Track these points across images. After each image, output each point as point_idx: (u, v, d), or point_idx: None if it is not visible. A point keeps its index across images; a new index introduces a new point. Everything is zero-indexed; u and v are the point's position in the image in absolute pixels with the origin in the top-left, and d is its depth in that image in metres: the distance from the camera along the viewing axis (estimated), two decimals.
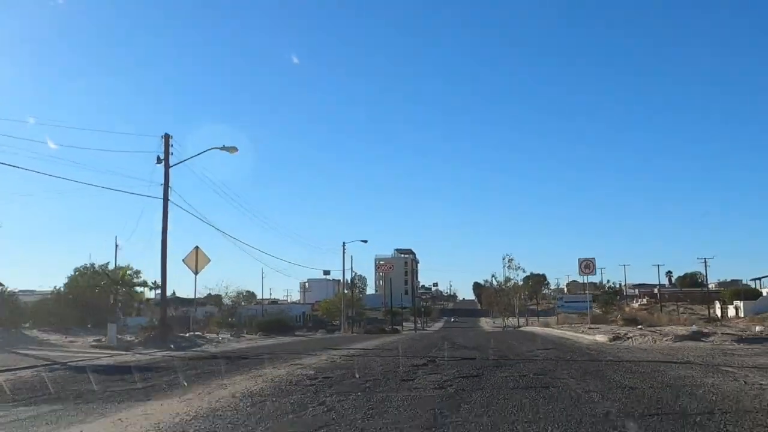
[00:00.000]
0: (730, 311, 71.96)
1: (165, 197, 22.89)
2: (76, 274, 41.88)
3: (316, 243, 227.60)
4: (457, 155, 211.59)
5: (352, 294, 76.98)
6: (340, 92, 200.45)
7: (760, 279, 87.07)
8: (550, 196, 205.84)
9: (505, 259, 75.48)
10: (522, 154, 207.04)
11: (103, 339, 21.51)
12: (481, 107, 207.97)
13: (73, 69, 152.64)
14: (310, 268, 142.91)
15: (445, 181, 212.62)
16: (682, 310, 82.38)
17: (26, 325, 27.80)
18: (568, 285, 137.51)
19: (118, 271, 33.82)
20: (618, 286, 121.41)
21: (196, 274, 25.13)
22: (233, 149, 23.45)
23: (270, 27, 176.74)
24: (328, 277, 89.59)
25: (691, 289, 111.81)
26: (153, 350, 19.71)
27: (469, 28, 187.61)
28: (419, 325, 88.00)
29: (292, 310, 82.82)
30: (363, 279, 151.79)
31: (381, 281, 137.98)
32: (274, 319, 44.36)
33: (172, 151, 23.29)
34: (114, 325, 21.33)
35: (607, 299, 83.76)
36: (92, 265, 41.92)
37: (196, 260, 24.87)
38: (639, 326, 30.62)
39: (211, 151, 23.69)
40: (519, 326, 65.31)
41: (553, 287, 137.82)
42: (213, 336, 29.22)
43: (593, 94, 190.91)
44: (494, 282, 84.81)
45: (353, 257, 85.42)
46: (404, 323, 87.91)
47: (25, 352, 17.94)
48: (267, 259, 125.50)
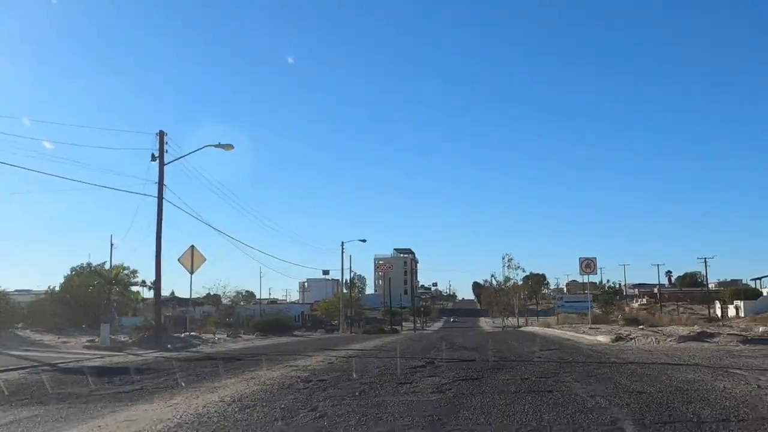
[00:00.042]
0: (731, 311, 71.70)
1: (159, 195, 22.54)
2: (73, 273, 41.51)
3: (315, 243, 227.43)
4: (457, 155, 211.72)
5: (350, 294, 76.71)
6: (340, 92, 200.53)
7: (760, 279, 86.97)
8: (550, 196, 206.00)
9: (504, 258, 75.25)
10: (522, 154, 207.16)
11: (97, 340, 21.17)
12: (481, 107, 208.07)
13: (73, 69, 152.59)
14: (310, 268, 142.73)
15: (445, 180, 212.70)
16: (681, 310, 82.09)
17: (19, 325, 27.42)
18: (568, 285, 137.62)
19: (112, 271, 33.42)
20: (617, 286, 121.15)
21: (191, 273, 24.78)
22: (229, 147, 23.10)
23: (270, 27, 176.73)
24: (327, 277, 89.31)
25: (690, 288, 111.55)
26: (146, 351, 19.40)
27: (469, 28, 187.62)
28: (418, 325, 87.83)
29: (291, 310, 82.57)
30: (362, 279, 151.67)
31: (380, 281, 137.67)
32: (271, 320, 43.97)
33: (167, 148, 22.95)
34: (107, 325, 20.97)
35: (607, 299, 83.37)
36: (89, 264, 41.61)
37: (192, 259, 24.51)
38: (641, 326, 30.27)
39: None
40: (519, 326, 65.02)
41: (552, 287, 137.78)
42: (209, 336, 28.86)
43: (593, 94, 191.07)
44: (494, 282, 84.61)
45: (352, 257, 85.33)
46: (403, 323, 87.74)
47: (15, 353, 17.63)
48: (265, 259, 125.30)
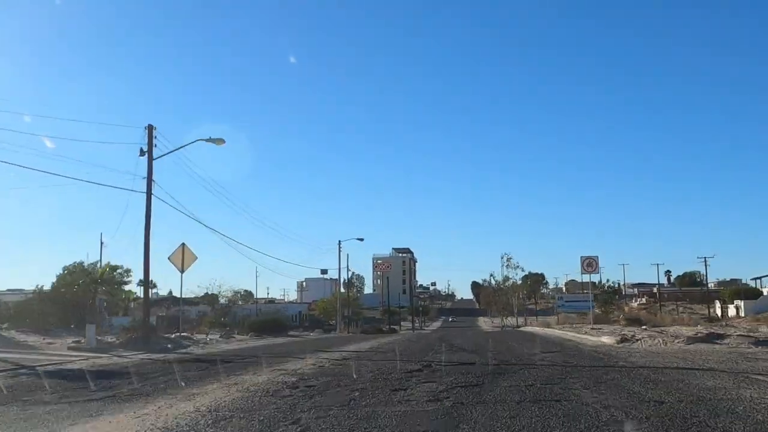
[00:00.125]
0: (731, 311, 71.03)
1: (148, 191, 21.78)
2: (65, 273, 40.74)
3: (315, 242, 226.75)
4: (456, 155, 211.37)
5: (348, 293, 75.96)
6: (340, 92, 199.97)
7: (760, 278, 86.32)
8: (549, 196, 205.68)
9: (503, 258, 74.72)
10: (522, 154, 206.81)
11: (83, 341, 20.43)
12: (481, 107, 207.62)
13: (73, 69, 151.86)
14: (308, 267, 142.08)
15: (444, 180, 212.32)
16: (681, 309, 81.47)
17: (4, 325, 26.66)
18: (567, 284, 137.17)
19: (98, 269, 32.65)
20: (617, 286, 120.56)
21: (182, 272, 24.03)
22: (220, 141, 22.37)
23: (270, 27, 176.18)
24: (325, 277, 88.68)
25: (690, 288, 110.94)
26: (133, 353, 18.67)
27: (469, 28, 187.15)
28: (417, 325, 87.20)
29: (289, 309, 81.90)
30: (361, 278, 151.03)
31: (379, 281, 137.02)
32: (266, 320, 43.22)
33: (156, 143, 22.21)
34: (92, 326, 20.24)
35: (607, 299, 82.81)
36: (81, 263, 40.86)
37: (183, 257, 23.77)
38: (643, 327, 29.62)
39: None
40: (518, 326, 64.41)
41: (551, 287, 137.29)
42: (201, 337, 28.13)
43: (593, 94, 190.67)
44: (493, 281, 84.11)
45: (351, 257, 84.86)
46: (402, 323, 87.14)
47: None
48: (262, 258, 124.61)
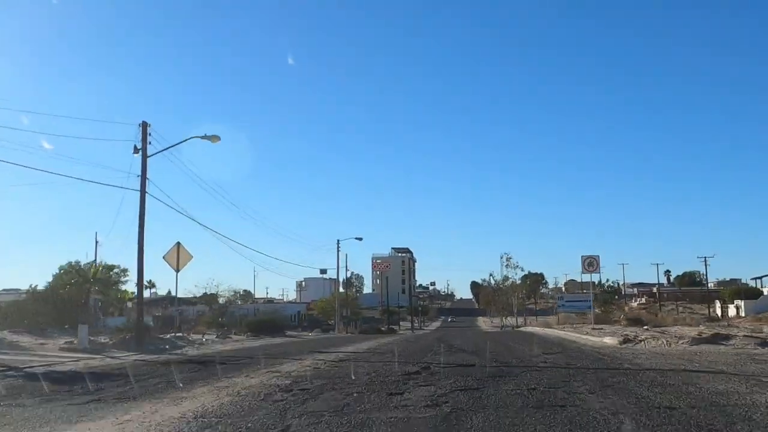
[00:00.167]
0: (731, 311, 70.70)
1: (142, 189, 21.41)
2: (62, 272, 40.28)
3: (314, 242, 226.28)
4: (456, 155, 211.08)
5: (346, 293, 75.61)
6: (340, 92, 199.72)
7: (760, 278, 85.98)
8: (549, 196, 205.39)
9: (503, 258, 74.41)
10: (521, 154, 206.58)
11: (75, 341, 20.07)
12: (481, 107, 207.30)
13: (73, 69, 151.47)
14: (307, 267, 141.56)
15: (443, 180, 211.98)
16: (681, 309, 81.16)
17: None
18: (566, 284, 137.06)
19: (91, 269, 32.24)
20: (616, 286, 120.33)
21: (177, 271, 23.66)
22: (215, 138, 22.01)
23: (270, 27, 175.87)
24: (324, 276, 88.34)
25: (690, 288, 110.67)
26: (125, 354, 18.34)
27: (469, 28, 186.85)
28: (416, 325, 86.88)
29: (287, 309, 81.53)
30: (360, 278, 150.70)
31: (378, 280, 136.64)
32: (264, 319, 42.85)
33: (150, 140, 21.84)
34: (85, 326, 19.88)
35: (607, 298, 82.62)
36: (78, 262, 40.41)
37: (178, 257, 23.40)
38: (645, 327, 29.29)
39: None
40: (517, 326, 64.10)
41: (551, 287, 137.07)
42: (197, 337, 27.77)
43: (593, 94, 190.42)
44: (492, 281, 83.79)
45: (351, 257, 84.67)
46: (401, 322, 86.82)
47: None
48: (260, 258, 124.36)
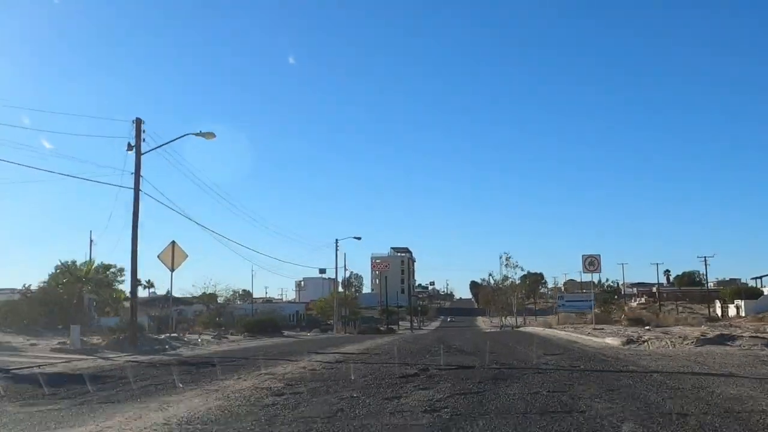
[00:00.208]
0: (731, 310, 70.40)
1: (136, 187, 21.03)
2: (58, 271, 39.87)
3: (314, 242, 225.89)
4: (456, 155, 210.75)
5: (345, 293, 75.25)
6: (340, 92, 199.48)
7: (760, 278, 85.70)
8: (548, 196, 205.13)
9: (502, 257, 73.91)
10: (521, 154, 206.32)
11: (68, 342, 19.70)
12: (481, 107, 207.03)
13: (73, 69, 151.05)
14: (305, 267, 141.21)
15: (442, 179, 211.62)
16: (681, 309, 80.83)
17: None
18: (565, 284, 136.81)
19: (83, 268, 31.86)
20: (616, 285, 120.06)
21: (172, 270, 23.29)
22: (210, 135, 21.65)
23: (270, 27, 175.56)
24: (323, 276, 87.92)
25: (689, 288, 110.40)
26: (118, 354, 17.96)
27: (469, 28, 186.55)
28: (415, 325, 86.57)
29: (286, 309, 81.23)
30: (359, 278, 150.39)
31: (377, 280, 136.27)
32: (261, 319, 42.44)
33: (144, 137, 21.46)
34: (77, 326, 19.50)
35: (606, 298, 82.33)
36: (73, 262, 40.01)
37: (173, 256, 23.02)
38: (647, 327, 28.95)
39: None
40: (517, 326, 63.73)
41: (550, 286, 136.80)
42: (193, 337, 27.37)
43: (593, 94, 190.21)
44: (491, 281, 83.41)
45: (350, 256, 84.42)
46: (400, 322, 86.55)
47: None
48: (259, 258, 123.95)
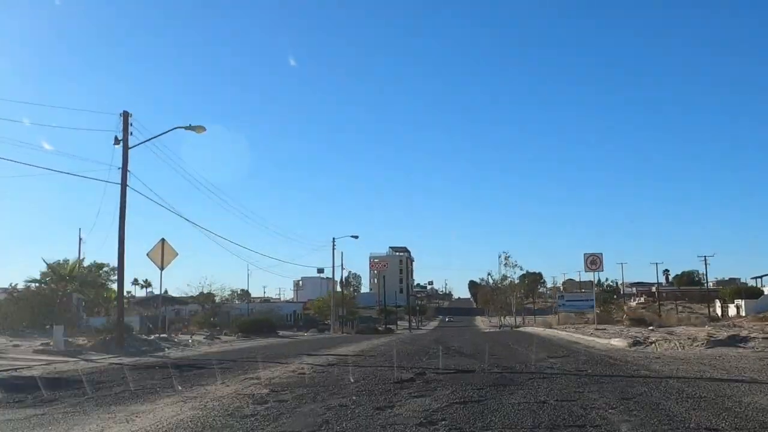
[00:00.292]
0: (731, 310, 69.84)
1: (123, 182, 20.31)
2: (49, 270, 39.16)
3: (314, 242, 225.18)
4: (454, 154, 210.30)
5: (343, 292, 74.56)
6: (340, 92, 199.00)
7: (761, 277, 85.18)
8: (549, 196, 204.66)
9: (501, 257, 73.28)
10: (522, 154, 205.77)
11: (52, 343, 18.99)
12: (481, 107, 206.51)
13: (73, 69, 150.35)
14: (303, 266, 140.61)
15: (443, 179, 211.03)
16: (680, 309, 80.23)
17: None
18: (564, 284, 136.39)
19: (67, 267, 31.15)
20: (615, 285, 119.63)
21: (161, 269, 22.56)
22: (200, 128, 20.96)
23: (270, 27, 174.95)
24: (322, 275, 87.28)
25: (689, 287, 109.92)
26: (102, 356, 17.26)
27: (469, 28, 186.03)
28: (414, 325, 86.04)
29: (284, 309, 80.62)
30: (358, 277, 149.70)
31: (375, 279, 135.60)
32: (256, 319, 41.71)
33: (132, 131, 20.76)
34: (61, 327, 18.81)
35: (606, 298, 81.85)
36: (66, 260, 39.30)
37: (162, 254, 22.29)
38: (650, 327, 28.29)
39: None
40: (516, 326, 63.10)
41: (549, 286, 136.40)
42: (185, 338, 26.67)
43: (593, 94, 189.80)
44: (490, 280, 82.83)
45: (349, 256, 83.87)
46: (399, 322, 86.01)
47: None
48: (257, 257, 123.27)
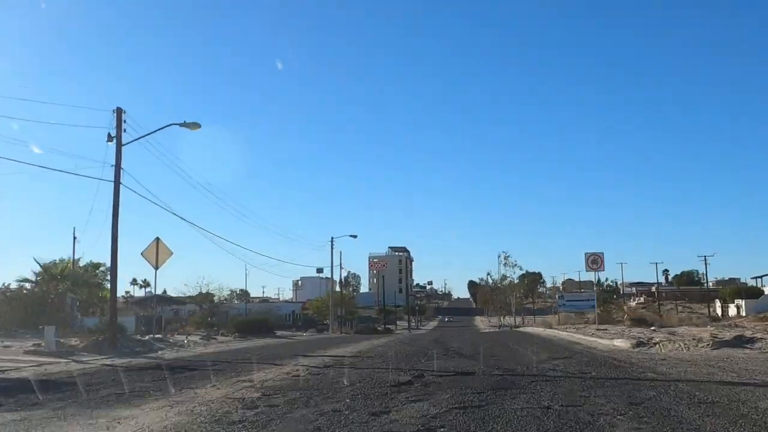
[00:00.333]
0: (731, 310, 69.58)
1: (116, 179, 19.94)
2: (42, 270, 38.81)
3: (314, 242, 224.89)
4: (454, 154, 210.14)
5: (341, 292, 74.19)
6: (340, 92, 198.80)
7: (761, 277, 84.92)
8: (547, 195, 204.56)
9: (500, 256, 72.88)
10: (521, 154, 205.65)
11: (43, 344, 18.62)
12: (481, 107, 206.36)
13: (73, 69, 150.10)
14: (303, 266, 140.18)
15: (442, 179, 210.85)
16: (680, 308, 79.94)
17: None
18: (564, 283, 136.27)
19: (58, 266, 30.79)
20: (615, 285, 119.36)
21: (156, 268, 22.18)
22: (195, 125, 20.61)
23: (270, 27, 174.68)
24: (321, 275, 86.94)
25: (689, 287, 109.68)
26: (94, 357, 16.89)
27: (469, 28, 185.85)
28: (413, 325, 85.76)
29: (282, 308, 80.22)
30: (357, 277, 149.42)
31: (375, 279, 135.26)
32: (253, 319, 41.30)
33: (125, 127, 20.39)
34: (52, 327, 18.44)
35: (606, 298, 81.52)
36: (62, 260, 38.96)
37: (157, 253, 21.93)
38: (652, 327, 27.95)
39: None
40: (516, 326, 62.76)
41: (549, 286, 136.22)
42: (180, 338, 26.28)
43: (593, 94, 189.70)
44: (490, 280, 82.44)
45: (348, 256, 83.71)
46: (398, 322, 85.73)
47: None
48: (255, 257, 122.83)
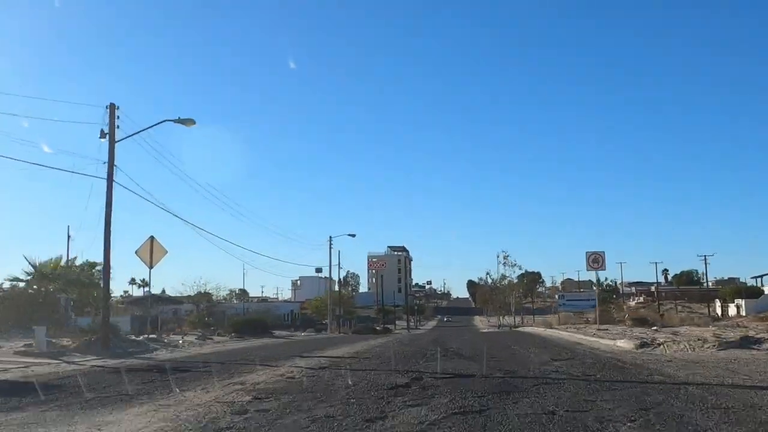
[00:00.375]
0: (731, 310, 69.31)
1: (109, 176, 19.58)
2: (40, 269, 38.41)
3: (314, 241, 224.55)
4: (453, 154, 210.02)
5: (340, 292, 73.85)
6: (340, 92, 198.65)
7: (761, 277, 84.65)
8: (547, 195, 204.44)
9: (500, 256, 72.61)
10: (521, 154, 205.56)
11: (34, 344, 18.27)
12: (481, 107, 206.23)
13: (73, 69, 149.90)
14: (302, 266, 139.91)
15: (442, 179, 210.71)
16: (680, 308, 79.70)
17: None
18: (563, 283, 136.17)
19: (48, 264, 30.41)
20: (614, 284, 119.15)
21: (150, 267, 21.87)
22: (190, 122, 20.27)
23: (270, 27, 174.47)
24: (320, 275, 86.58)
25: (688, 287, 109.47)
26: (86, 358, 16.53)
27: (469, 28, 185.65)
28: (412, 324, 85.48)
29: (281, 308, 79.90)
30: (356, 277, 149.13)
31: (374, 279, 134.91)
32: (250, 319, 40.92)
33: (119, 124, 20.04)
34: (42, 328, 18.09)
35: (606, 297, 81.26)
36: (58, 258, 38.55)
37: (151, 252, 21.60)
38: (653, 327, 27.61)
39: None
40: (515, 326, 62.47)
41: (548, 285, 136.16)
42: (176, 338, 25.92)
43: (593, 94, 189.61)
44: (489, 280, 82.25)
45: (347, 255, 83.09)
46: (397, 322, 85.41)
47: None
48: (253, 257, 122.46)
